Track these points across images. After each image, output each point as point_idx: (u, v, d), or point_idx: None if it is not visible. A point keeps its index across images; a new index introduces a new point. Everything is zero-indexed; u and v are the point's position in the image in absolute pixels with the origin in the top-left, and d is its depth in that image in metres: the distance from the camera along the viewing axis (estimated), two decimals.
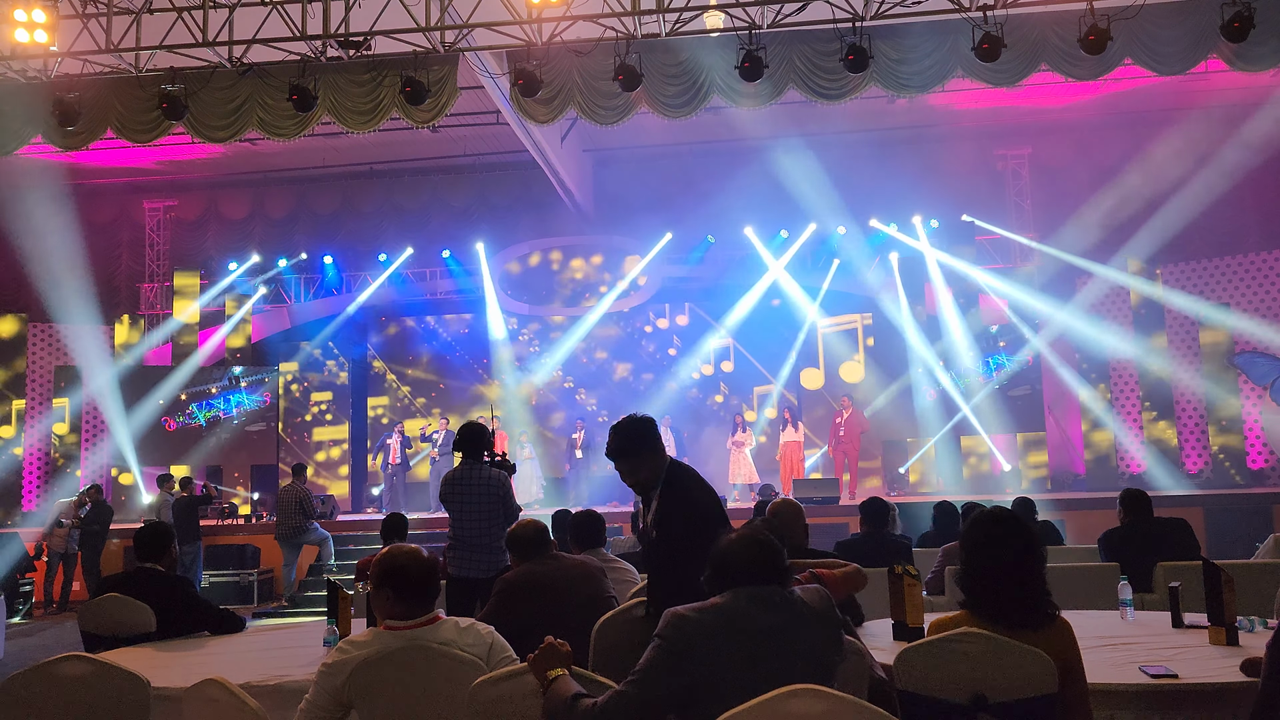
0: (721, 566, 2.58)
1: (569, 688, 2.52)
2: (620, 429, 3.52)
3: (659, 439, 3.57)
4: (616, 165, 17.00)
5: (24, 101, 11.37)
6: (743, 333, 16.56)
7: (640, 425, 3.52)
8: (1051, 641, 2.68)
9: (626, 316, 17.02)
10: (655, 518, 3.46)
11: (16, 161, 13.52)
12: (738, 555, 2.57)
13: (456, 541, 5.89)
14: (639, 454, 3.50)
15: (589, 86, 10.90)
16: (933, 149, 15.77)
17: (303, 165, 16.92)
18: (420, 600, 2.98)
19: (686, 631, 2.45)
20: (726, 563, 2.57)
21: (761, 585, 2.53)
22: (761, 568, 2.55)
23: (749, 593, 2.52)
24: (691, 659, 2.43)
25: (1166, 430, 14.18)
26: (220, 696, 2.74)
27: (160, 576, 4.60)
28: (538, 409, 16.97)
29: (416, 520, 12.05)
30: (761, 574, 2.54)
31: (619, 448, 3.49)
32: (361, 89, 11.12)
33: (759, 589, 2.52)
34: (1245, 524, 10.92)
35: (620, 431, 3.51)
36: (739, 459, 14.55)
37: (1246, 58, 10.13)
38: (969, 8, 9.76)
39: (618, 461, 3.49)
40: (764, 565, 2.55)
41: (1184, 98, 14.20)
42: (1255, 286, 14.31)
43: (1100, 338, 14.78)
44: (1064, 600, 2.92)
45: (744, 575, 2.53)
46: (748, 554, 2.56)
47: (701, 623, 2.47)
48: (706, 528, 3.19)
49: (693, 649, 2.44)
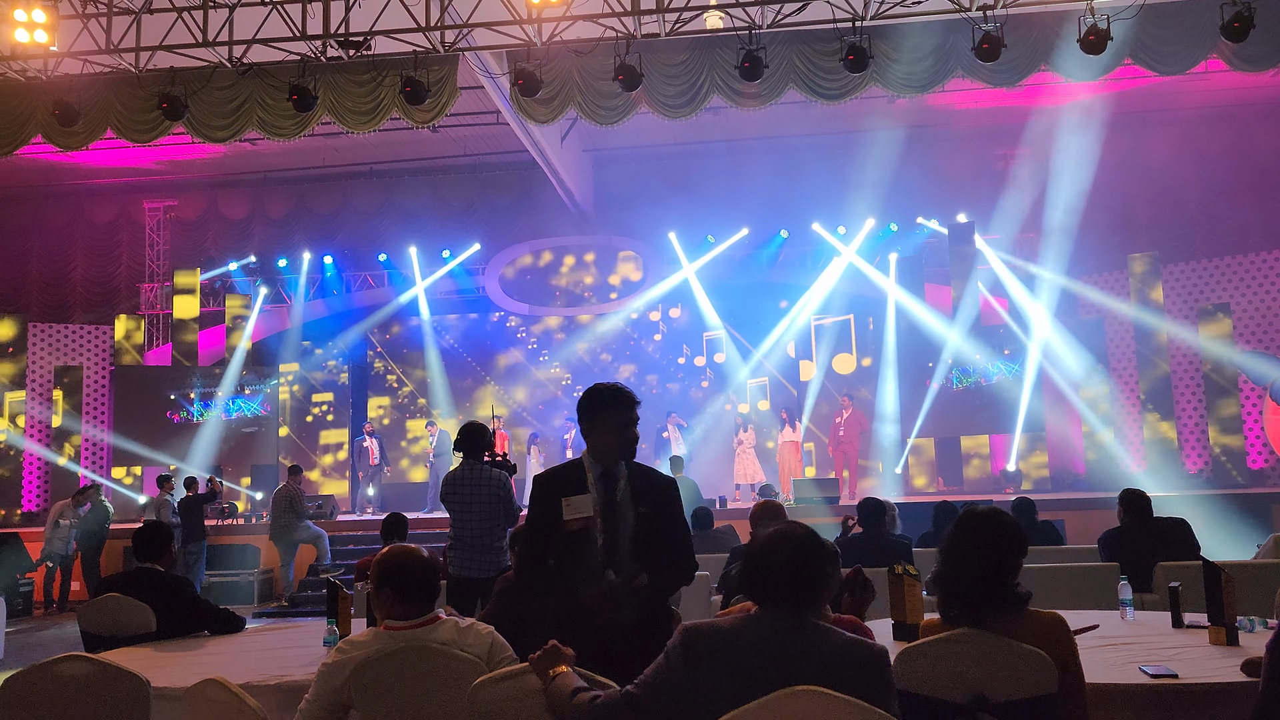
0: (762, 568, 2.40)
1: (570, 682, 2.50)
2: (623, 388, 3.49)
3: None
4: (616, 165, 17.01)
5: (24, 101, 11.38)
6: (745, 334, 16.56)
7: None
8: (1037, 631, 2.67)
9: (626, 315, 17.00)
10: (636, 491, 3.38)
11: (16, 161, 13.52)
12: (781, 560, 2.38)
13: (457, 541, 5.89)
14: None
15: (589, 86, 10.90)
16: (933, 149, 15.77)
17: (303, 165, 16.93)
18: (420, 600, 2.98)
19: (699, 649, 2.35)
20: (768, 565, 2.39)
21: (796, 605, 2.36)
22: (799, 584, 2.37)
23: (775, 618, 2.34)
24: (698, 676, 2.34)
25: (1167, 430, 14.18)
26: (220, 696, 2.74)
27: (160, 576, 4.60)
28: (538, 409, 16.96)
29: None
30: (797, 591, 2.36)
31: (632, 399, 3.42)
32: (361, 89, 11.12)
33: (790, 615, 2.34)
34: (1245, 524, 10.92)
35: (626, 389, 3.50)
36: (743, 458, 14.55)
37: (1246, 58, 10.14)
38: (969, 8, 9.76)
39: (634, 411, 3.38)
40: (803, 582, 2.37)
41: (1184, 98, 14.21)
42: (1255, 286, 14.30)
43: (1100, 337, 14.77)
44: (1064, 600, 2.93)
45: (783, 585, 2.36)
46: (789, 563, 2.37)
47: (717, 641, 2.35)
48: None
49: (699, 668, 2.33)
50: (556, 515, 3.30)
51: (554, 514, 3.31)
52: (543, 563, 3.37)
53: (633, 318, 16.96)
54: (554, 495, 3.33)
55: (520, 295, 16.98)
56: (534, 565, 3.43)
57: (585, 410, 3.40)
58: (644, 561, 3.29)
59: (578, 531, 3.27)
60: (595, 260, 17.00)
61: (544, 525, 3.35)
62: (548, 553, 3.34)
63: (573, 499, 3.31)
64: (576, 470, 3.41)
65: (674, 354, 16.92)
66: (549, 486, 3.40)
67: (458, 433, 6.11)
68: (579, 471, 3.39)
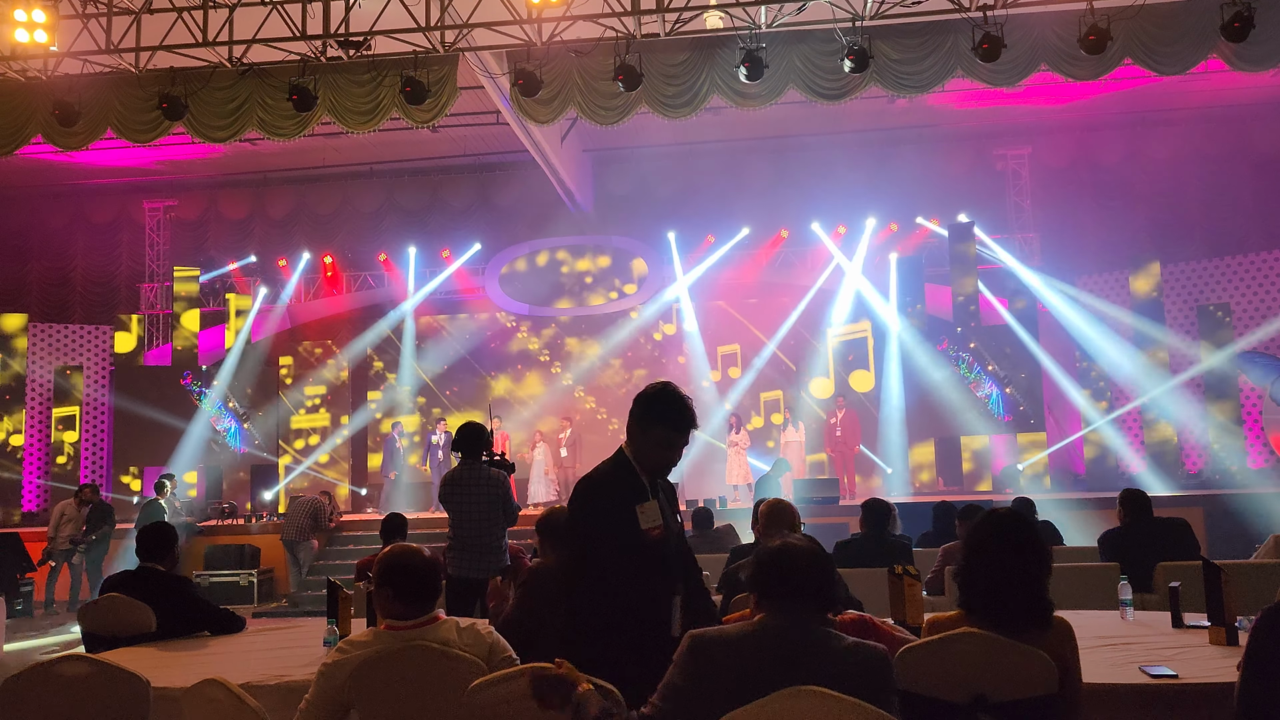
0: (773, 577, 2.41)
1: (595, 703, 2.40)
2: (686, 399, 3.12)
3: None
4: (616, 165, 17.01)
5: (24, 101, 11.38)
6: (746, 334, 16.57)
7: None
8: (1049, 642, 2.67)
9: (626, 316, 17.00)
10: (671, 505, 3.19)
11: (16, 161, 13.52)
12: (796, 570, 2.39)
13: (456, 541, 5.89)
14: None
15: (589, 86, 10.90)
16: (933, 149, 15.77)
17: (303, 165, 16.93)
18: (420, 600, 2.98)
19: (707, 657, 2.35)
20: (782, 574, 2.40)
21: (803, 610, 2.38)
22: (812, 591, 2.40)
23: (786, 625, 2.36)
24: (707, 684, 2.33)
25: (1166, 430, 14.18)
26: (220, 696, 2.74)
27: (161, 576, 4.60)
28: (538, 409, 16.95)
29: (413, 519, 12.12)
30: (809, 597, 2.39)
31: (693, 420, 3.08)
32: (361, 89, 11.12)
33: (800, 622, 2.37)
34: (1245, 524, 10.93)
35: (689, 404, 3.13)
36: (735, 459, 14.53)
37: (1246, 58, 10.14)
38: (969, 8, 9.76)
39: (689, 434, 3.08)
40: (815, 589, 2.40)
41: (1184, 98, 14.21)
42: (1255, 286, 14.30)
43: (1099, 337, 14.77)
44: (1064, 600, 2.92)
45: (798, 594, 2.38)
46: (804, 571, 2.40)
47: (725, 649, 2.35)
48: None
49: (714, 672, 2.33)
50: (633, 525, 2.97)
51: (630, 524, 2.96)
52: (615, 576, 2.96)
53: (633, 317, 16.96)
54: (627, 503, 2.99)
55: (520, 295, 16.97)
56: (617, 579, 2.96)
57: (645, 415, 3.05)
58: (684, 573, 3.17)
59: (654, 541, 2.99)
60: (595, 260, 16.99)
61: (617, 536, 2.96)
62: (615, 565, 2.95)
63: (645, 506, 3.01)
64: (632, 475, 3.05)
65: (674, 354, 16.92)
66: (614, 494, 3.01)
67: (456, 433, 6.11)
68: (635, 477, 3.05)
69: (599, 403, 16.91)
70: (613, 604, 2.91)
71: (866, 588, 4.81)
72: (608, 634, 2.88)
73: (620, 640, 2.87)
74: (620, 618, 2.90)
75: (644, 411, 3.05)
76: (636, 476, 3.04)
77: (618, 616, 2.90)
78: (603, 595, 2.93)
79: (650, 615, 2.95)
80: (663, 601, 3.00)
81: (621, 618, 2.90)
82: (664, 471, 3.11)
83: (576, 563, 3.04)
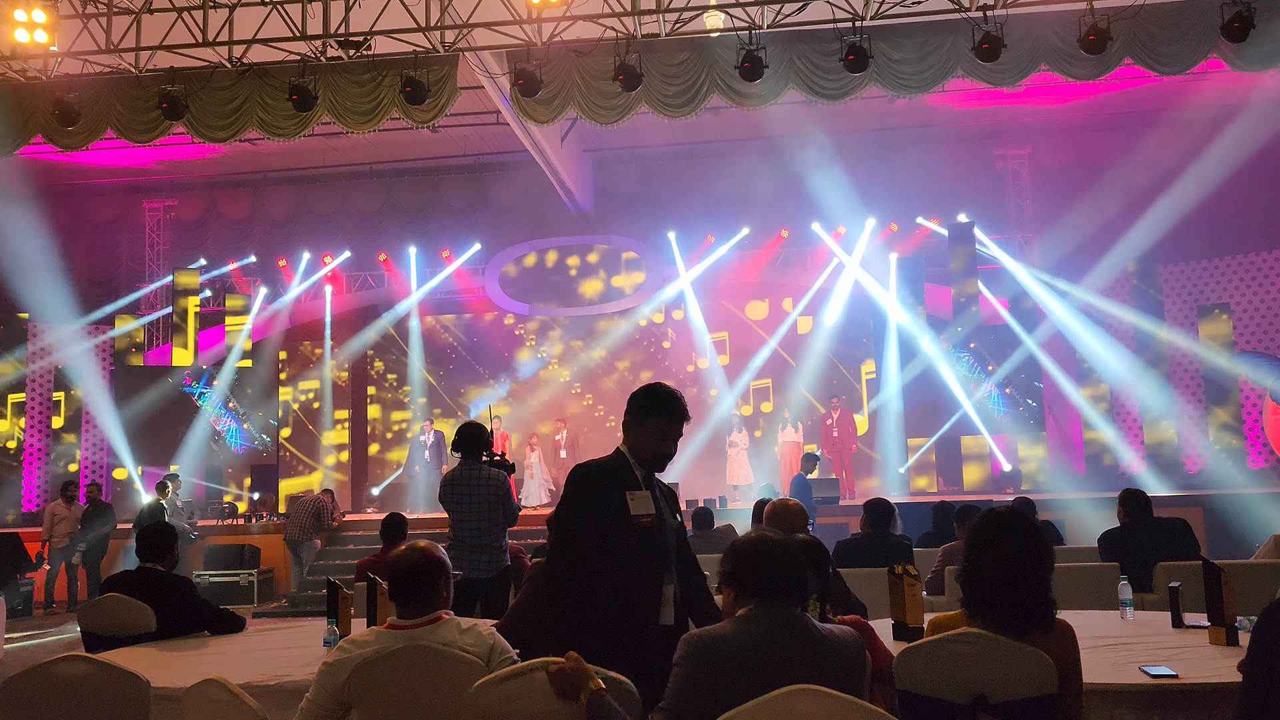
0: (753, 570, 2.49)
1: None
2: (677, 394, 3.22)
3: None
4: (616, 165, 17.00)
5: (24, 101, 11.38)
6: (746, 334, 16.56)
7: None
8: (1051, 643, 2.67)
9: (626, 315, 17.01)
10: (670, 506, 3.25)
11: (17, 161, 13.51)
12: (774, 563, 2.48)
13: (456, 542, 5.88)
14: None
15: (589, 86, 10.90)
16: (933, 149, 15.77)
17: (303, 165, 16.92)
18: (422, 600, 2.98)
19: (708, 655, 2.39)
20: (761, 568, 2.49)
21: (785, 602, 2.46)
22: (791, 583, 2.48)
23: (771, 616, 2.44)
24: (715, 681, 2.37)
25: (1166, 430, 14.18)
26: (220, 696, 2.74)
27: (161, 576, 4.60)
28: (537, 409, 16.96)
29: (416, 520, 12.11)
30: (789, 589, 2.47)
31: (685, 411, 3.18)
32: (361, 89, 11.11)
33: (783, 612, 2.45)
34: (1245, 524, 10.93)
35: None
36: (735, 459, 14.52)
37: (1246, 58, 10.13)
38: (969, 8, 9.76)
39: (682, 424, 3.18)
40: (793, 580, 2.48)
41: (1183, 97, 14.19)
42: (1255, 286, 14.31)
43: (1100, 337, 14.77)
44: (1064, 600, 2.92)
45: (777, 586, 2.47)
46: (783, 563, 2.49)
47: (721, 645, 2.40)
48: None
49: (715, 671, 2.38)
50: (622, 510, 3.06)
51: (619, 508, 3.06)
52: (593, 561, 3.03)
53: (634, 319, 16.97)
54: (618, 489, 3.08)
55: (520, 295, 16.97)
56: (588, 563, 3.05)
57: (639, 408, 3.17)
58: (680, 572, 3.21)
59: (644, 529, 3.06)
60: (595, 261, 17.00)
61: (607, 519, 3.05)
62: (602, 549, 3.03)
63: (636, 494, 3.10)
64: (625, 466, 3.16)
65: (674, 354, 16.92)
66: (607, 479, 3.11)
67: (455, 433, 6.10)
68: (630, 470, 3.16)
69: (598, 402, 16.92)
70: (595, 584, 2.99)
71: (867, 587, 4.82)
72: (589, 616, 2.97)
73: (601, 622, 2.95)
74: (602, 599, 2.98)
75: (638, 406, 3.18)
76: (631, 470, 3.16)
77: (599, 597, 2.98)
78: (585, 576, 3.01)
79: (634, 600, 3.02)
80: (649, 588, 3.06)
81: (603, 600, 2.98)
82: (660, 465, 3.19)
83: (563, 542, 3.14)
